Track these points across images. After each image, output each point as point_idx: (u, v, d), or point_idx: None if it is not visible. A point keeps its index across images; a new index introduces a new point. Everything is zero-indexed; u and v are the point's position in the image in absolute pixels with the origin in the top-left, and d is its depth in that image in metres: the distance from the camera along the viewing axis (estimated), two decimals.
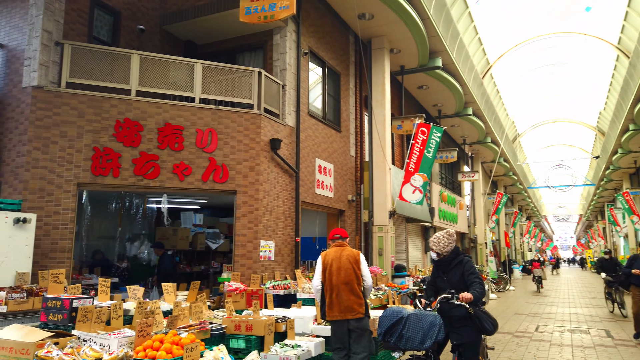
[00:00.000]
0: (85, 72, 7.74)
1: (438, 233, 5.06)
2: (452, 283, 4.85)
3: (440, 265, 5.01)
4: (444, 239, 4.97)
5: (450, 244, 4.92)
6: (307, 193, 10.09)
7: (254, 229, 8.34)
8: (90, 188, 7.67)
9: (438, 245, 4.99)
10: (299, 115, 9.85)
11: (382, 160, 12.35)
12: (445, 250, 4.95)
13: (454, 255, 4.90)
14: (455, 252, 4.93)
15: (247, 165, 8.46)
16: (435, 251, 5.02)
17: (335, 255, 5.36)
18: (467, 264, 4.85)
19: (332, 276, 5.26)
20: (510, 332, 10.06)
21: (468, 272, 4.75)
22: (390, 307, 4.83)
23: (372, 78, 12.85)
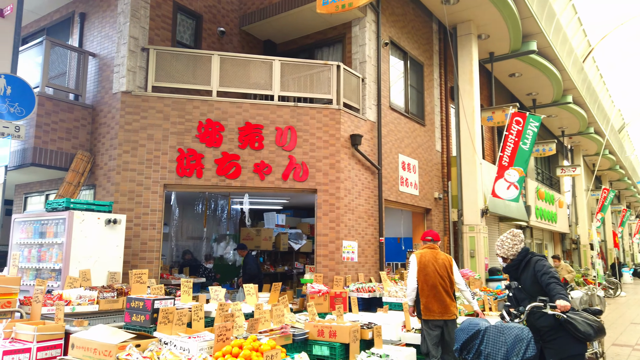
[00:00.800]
0: (169, 76, 7.90)
1: (502, 235, 4.50)
2: (526, 288, 4.24)
3: (509, 271, 4.44)
4: (507, 240, 4.40)
5: (516, 246, 4.35)
6: (390, 191, 9.58)
7: (336, 229, 8.01)
8: (176, 189, 7.81)
9: (502, 249, 4.42)
10: (380, 109, 9.38)
11: (472, 155, 11.47)
12: (510, 253, 4.37)
13: (520, 257, 4.32)
14: (522, 253, 4.34)
15: (327, 162, 8.16)
16: (500, 255, 4.44)
17: (432, 256, 5.52)
18: (538, 264, 4.21)
19: (430, 277, 5.41)
20: (629, 345, 8.78)
21: (540, 272, 4.12)
22: (467, 319, 4.25)
23: (458, 67, 12.01)
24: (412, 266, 5.53)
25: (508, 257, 4.42)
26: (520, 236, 4.43)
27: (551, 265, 4.27)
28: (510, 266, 4.41)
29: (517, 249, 4.36)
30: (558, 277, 4.10)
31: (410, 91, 10.95)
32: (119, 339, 3.88)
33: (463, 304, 7.44)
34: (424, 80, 11.48)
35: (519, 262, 4.33)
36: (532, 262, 4.27)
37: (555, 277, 4.05)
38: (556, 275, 4.10)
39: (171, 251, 11.45)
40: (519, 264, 4.33)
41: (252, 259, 9.85)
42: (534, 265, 4.21)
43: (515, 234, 4.45)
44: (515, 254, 4.36)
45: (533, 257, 4.32)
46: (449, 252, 11.49)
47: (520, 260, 4.33)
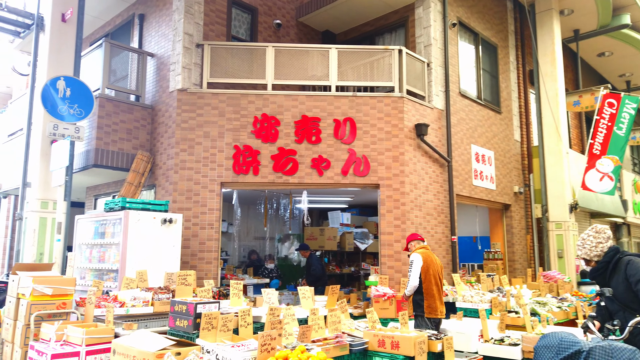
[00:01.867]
0: (224, 71, 7.70)
1: (583, 233, 3.71)
2: (618, 297, 3.43)
3: (595, 277, 3.64)
4: (589, 238, 3.64)
5: (601, 245, 3.60)
6: (462, 185, 8.74)
7: (401, 227, 7.37)
8: (232, 187, 7.58)
9: (583, 249, 3.65)
10: (449, 95, 8.58)
11: (557, 144, 10.26)
12: (593, 254, 3.59)
13: (607, 258, 3.53)
14: (610, 254, 3.53)
15: (389, 155, 7.53)
16: (581, 257, 3.66)
17: (432, 257, 5.75)
18: (630, 266, 3.39)
19: (435, 278, 5.62)
20: None
21: (635, 276, 3.31)
22: (553, 333, 3.46)
23: (537, 47, 10.83)
24: (416, 265, 5.58)
25: (591, 259, 3.63)
26: (605, 233, 3.63)
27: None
28: (594, 270, 3.62)
29: (602, 249, 3.58)
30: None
31: (482, 76, 9.99)
32: (158, 346, 3.57)
33: (551, 311, 6.50)
34: (499, 63, 10.45)
35: (605, 265, 3.54)
36: (623, 264, 3.46)
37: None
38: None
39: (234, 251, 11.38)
40: (606, 268, 3.54)
41: (316, 259, 9.44)
42: (625, 269, 3.42)
43: (599, 230, 3.65)
44: (601, 254, 3.58)
45: (623, 257, 3.49)
46: (533, 252, 10.37)
47: (606, 263, 3.53)
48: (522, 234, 10.32)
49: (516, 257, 9.98)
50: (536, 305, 6.74)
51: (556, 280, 8.70)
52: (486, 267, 9.94)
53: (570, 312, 6.82)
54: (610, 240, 3.64)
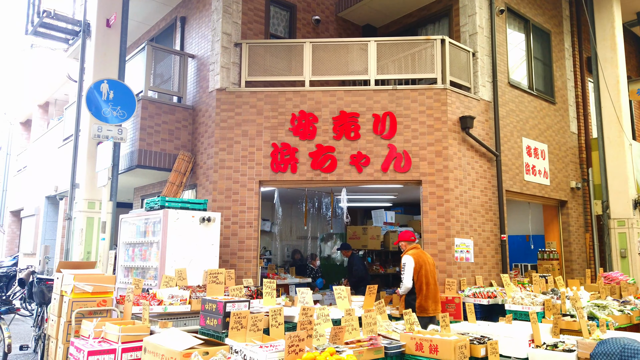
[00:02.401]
0: (262, 69, 7.68)
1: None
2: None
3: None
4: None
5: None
6: (512, 180, 8.25)
7: (445, 225, 7.03)
8: (271, 185, 7.54)
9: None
10: (496, 86, 8.12)
11: (618, 135, 9.49)
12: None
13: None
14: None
15: (432, 150, 7.22)
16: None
17: (424, 256, 5.92)
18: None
19: (427, 277, 5.78)
20: None
21: None
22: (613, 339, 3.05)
23: (595, 31, 10.06)
24: (409, 268, 5.72)
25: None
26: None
27: None
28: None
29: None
30: None
31: (534, 65, 9.41)
32: (186, 344, 3.53)
33: (612, 315, 5.98)
34: (552, 51, 9.81)
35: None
36: None
37: None
38: None
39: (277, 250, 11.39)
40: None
41: (358, 259, 9.25)
42: None
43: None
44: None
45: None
46: (592, 251, 9.65)
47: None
48: (580, 232, 9.63)
49: (574, 257, 9.32)
50: (595, 309, 6.22)
51: (618, 282, 8.04)
52: (540, 268, 9.36)
53: (634, 316, 6.25)
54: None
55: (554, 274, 9.16)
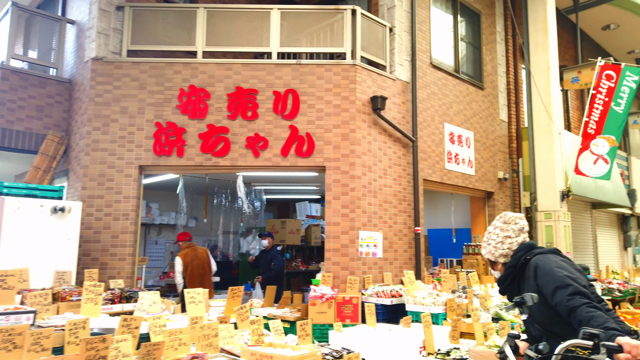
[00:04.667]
0: (148, 37, 6.69)
1: (490, 224, 2.59)
2: (533, 316, 2.32)
3: (503, 288, 2.53)
4: (495, 232, 2.56)
5: (509, 240, 2.50)
6: (432, 169, 7.60)
7: (350, 216, 6.28)
8: (154, 171, 6.58)
9: (487, 246, 2.57)
10: (415, 65, 7.43)
11: (547, 123, 9.03)
12: (499, 253, 2.49)
13: (513, 261, 2.44)
14: (519, 253, 2.45)
15: (338, 132, 6.44)
16: (486, 258, 2.58)
17: (194, 254, 7.04)
18: (540, 270, 2.28)
19: (194, 273, 6.88)
20: None
21: (548, 285, 2.20)
22: None
23: (528, 14, 9.56)
24: (178, 266, 6.87)
25: (497, 261, 2.53)
26: (517, 223, 2.53)
27: (569, 267, 2.26)
28: (501, 279, 2.51)
29: (511, 246, 2.49)
30: (587, 290, 2.14)
31: (462, 46, 8.81)
32: None
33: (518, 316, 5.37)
34: (482, 33, 9.24)
35: (511, 270, 2.44)
36: (530, 269, 2.35)
37: (580, 291, 2.09)
38: (581, 285, 2.13)
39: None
40: (512, 274, 2.44)
41: (279, 253, 8.44)
42: (535, 276, 2.30)
43: (509, 219, 2.56)
44: (508, 254, 2.48)
45: (531, 258, 2.37)
46: None
47: (512, 267, 2.43)
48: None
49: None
50: (504, 308, 5.61)
51: None
52: (465, 263, 8.80)
53: None
54: (523, 234, 2.53)
55: (478, 269, 8.62)
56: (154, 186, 9.37)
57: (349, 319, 5.60)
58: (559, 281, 2.15)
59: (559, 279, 2.15)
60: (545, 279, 2.22)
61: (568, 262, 2.32)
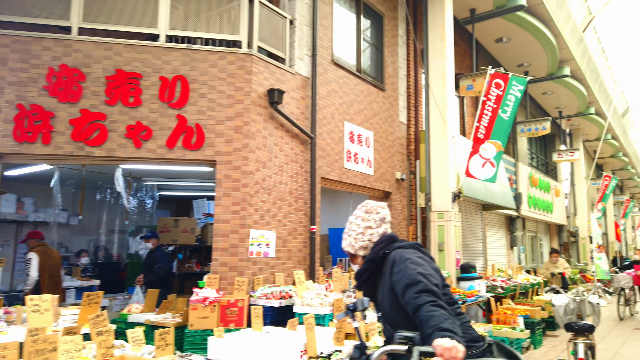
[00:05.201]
0: (12, 7, 5.83)
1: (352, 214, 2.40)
2: (385, 314, 2.19)
3: (360, 282, 2.34)
4: (356, 222, 2.36)
5: (370, 231, 2.31)
6: (330, 167, 7.50)
7: (241, 214, 5.94)
8: (14, 160, 5.75)
9: (348, 238, 2.37)
10: (316, 61, 7.28)
11: (442, 127, 9.36)
12: (359, 245, 2.30)
13: (373, 254, 2.26)
14: (379, 245, 2.26)
15: (231, 125, 6.07)
16: (346, 250, 2.39)
17: (49, 253, 6.68)
18: (396, 265, 2.09)
19: (50, 272, 6.54)
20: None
21: (399, 280, 2.03)
22: None
23: (428, 20, 9.87)
24: (34, 263, 6.39)
25: (357, 254, 2.34)
26: (380, 213, 2.35)
27: (425, 265, 2.09)
28: (359, 273, 2.32)
29: (372, 237, 2.30)
30: (438, 289, 1.97)
31: (364, 46, 8.84)
32: None
33: None
34: (384, 35, 9.36)
35: (369, 263, 2.26)
36: (388, 263, 2.18)
37: (429, 289, 1.92)
38: (432, 283, 1.97)
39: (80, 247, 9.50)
40: (369, 269, 2.26)
41: (165, 254, 7.82)
42: (391, 270, 2.13)
43: (371, 208, 2.38)
44: (368, 246, 2.29)
45: (394, 251, 2.20)
46: None
47: (370, 261, 2.25)
48: (404, 225, 9.34)
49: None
50: None
51: None
52: None
53: None
54: (385, 225, 2.35)
55: None
56: (27, 178, 8.33)
57: (234, 323, 5.26)
58: (410, 278, 1.98)
59: (411, 276, 1.98)
60: (398, 275, 2.04)
61: (426, 258, 2.19)
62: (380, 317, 2.25)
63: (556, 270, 10.95)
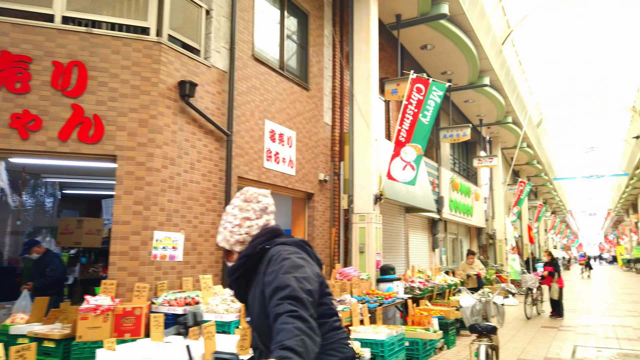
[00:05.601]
0: None
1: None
2: (253, 321, 1.93)
3: (231, 281, 2.04)
4: (232, 212, 2.04)
5: (248, 223, 2.00)
6: (248, 166, 7.20)
7: (144, 214, 5.48)
8: None
9: (223, 231, 2.05)
10: (234, 55, 6.96)
11: (365, 130, 9.37)
12: (234, 239, 2.00)
13: (249, 249, 1.96)
14: (260, 238, 1.97)
15: (135, 117, 5.60)
16: (220, 245, 2.07)
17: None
18: (272, 263, 1.83)
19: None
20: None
21: (271, 285, 1.75)
22: None
23: (354, 22, 9.86)
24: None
25: (233, 250, 2.02)
26: (261, 201, 2.06)
27: (305, 267, 1.79)
28: (232, 270, 1.99)
29: (250, 230, 1.99)
30: (309, 297, 1.68)
31: (288, 44, 8.63)
32: None
33: None
34: (310, 34, 9.21)
35: (244, 259, 1.95)
36: (266, 259, 1.89)
37: (296, 295, 1.64)
38: (304, 289, 1.68)
39: None
40: (244, 265, 1.95)
41: (57, 258, 7.11)
42: (266, 267, 1.86)
43: (251, 196, 2.07)
44: (246, 239, 1.99)
45: (274, 247, 1.91)
46: (337, 247, 9.33)
47: (246, 257, 1.94)
48: (326, 226, 9.22)
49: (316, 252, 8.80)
50: None
51: (350, 279, 7.67)
52: None
53: (343, 318, 5.64)
54: (267, 216, 2.04)
55: None
56: None
57: (130, 334, 4.81)
58: (280, 281, 1.70)
59: (282, 279, 1.70)
60: (271, 276, 1.76)
61: (309, 260, 1.92)
62: (249, 322, 1.99)
63: (472, 272, 11.33)
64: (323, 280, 1.91)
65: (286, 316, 1.57)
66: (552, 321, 11.16)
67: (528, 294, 11.69)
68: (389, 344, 5.51)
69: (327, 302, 1.90)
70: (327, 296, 1.92)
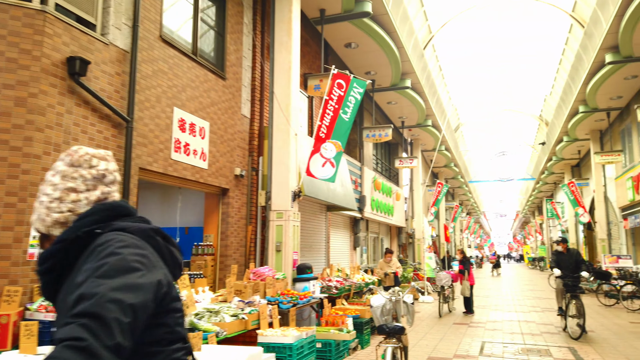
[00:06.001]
0: None
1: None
2: (59, 326, 1.27)
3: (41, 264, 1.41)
4: (50, 183, 1.43)
5: (73, 196, 1.40)
6: (153, 157, 6.57)
7: (19, 207, 4.74)
8: None
9: (38, 209, 1.43)
10: (137, 33, 6.31)
11: (284, 124, 9.03)
12: (51, 219, 1.39)
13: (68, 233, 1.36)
14: (89, 217, 1.37)
15: (10, 95, 4.83)
16: (35, 228, 1.46)
17: None
18: (92, 258, 1.23)
19: None
20: (446, 358, 7.06)
21: (80, 284, 1.17)
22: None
23: (275, 13, 9.49)
24: None
25: (51, 234, 1.41)
26: (97, 165, 1.45)
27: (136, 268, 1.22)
28: (41, 258, 1.38)
29: (75, 206, 1.40)
30: (133, 316, 1.13)
31: (203, 28, 8.08)
32: None
33: (223, 322, 4.76)
34: (227, 20, 8.71)
35: (60, 245, 1.35)
36: (90, 248, 1.30)
37: (97, 314, 1.05)
38: (121, 305, 1.11)
39: None
40: (59, 254, 1.36)
41: None
42: (85, 260, 1.30)
43: (80, 159, 1.43)
44: (69, 219, 1.39)
45: (107, 233, 1.32)
46: (254, 246, 8.90)
47: (62, 242, 1.35)
48: (242, 224, 8.77)
49: (230, 251, 8.34)
50: (206, 315, 4.96)
51: (264, 279, 7.29)
52: (193, 265, 8.07)
53: (249, 321, 5.26)
54: (106, 187, 1.46)
55: (206, 271, 7.97)
56: None
57: None
58: (89, 288, 1.13)
59: (93, 284, 1.14)
60: (83, 275, 1.19)
61: (158, 257, 1.34)
62: (55, 332, 1.44)
63: (389, 270, 11.40)
64: (170, 291, 1.33)
65: (63, 347, 1.01)
66: (464, 318, 11.51)
67: (440, 292, 11.98)
68: (298, 348, 5.20)
69: (170, 323, 1.32)
70: (172, 314, 1.33)
